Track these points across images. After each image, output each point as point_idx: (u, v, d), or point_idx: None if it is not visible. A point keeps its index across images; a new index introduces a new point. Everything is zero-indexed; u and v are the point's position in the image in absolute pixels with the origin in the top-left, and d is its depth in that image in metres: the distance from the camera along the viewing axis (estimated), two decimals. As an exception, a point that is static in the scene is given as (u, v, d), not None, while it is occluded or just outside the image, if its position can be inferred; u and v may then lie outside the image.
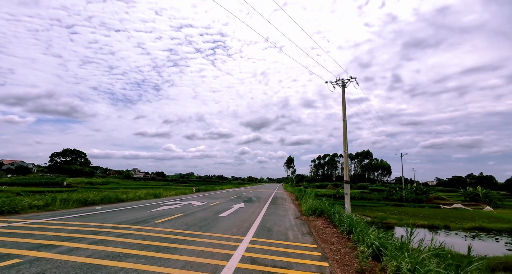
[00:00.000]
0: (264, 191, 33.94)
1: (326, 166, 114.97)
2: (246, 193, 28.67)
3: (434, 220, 21.85)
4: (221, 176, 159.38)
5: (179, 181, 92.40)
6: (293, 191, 31.27)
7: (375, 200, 40.82)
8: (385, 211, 29.65)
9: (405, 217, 23.95)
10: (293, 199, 22.08)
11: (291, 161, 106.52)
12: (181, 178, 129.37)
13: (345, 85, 14.57)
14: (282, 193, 31.23)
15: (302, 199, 17.08)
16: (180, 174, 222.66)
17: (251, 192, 30.53)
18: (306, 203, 13.30)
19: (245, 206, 14.14)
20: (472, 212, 29.23)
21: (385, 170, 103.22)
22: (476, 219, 22.33)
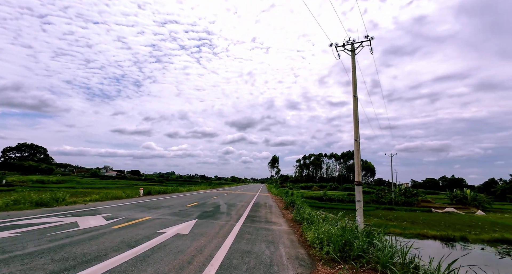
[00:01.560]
0: (244, 194, 27.10)
1: (311, 167, 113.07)
2: (219, 197, 20.61)
3: (436, 228, 18.91)
4: (203, 176, 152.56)
5: (154, 180, 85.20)
6: (279, 194, 26.63)
7: (364, 203, 37.97)
8: (379, 216, 26.67)
9: (404, 224, 20.87)
10: (282, 207, 14.47)
11: (275, 161, 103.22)
12: (160, 177, 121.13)
13: (355, 50, 10.58)
14: (266, 197, 24.34)
15: (297, 210, 10.90)
16: (160, 173, 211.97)
17: (226, 196, 22.63)
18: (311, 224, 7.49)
19: (192, 229, 6.92)
20: (470, 217, 27.07)
21: (369, 172, 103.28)
22: (484, 226, 19.72)
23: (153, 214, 9.51)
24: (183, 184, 57.40)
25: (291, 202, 14.67)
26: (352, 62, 10.52)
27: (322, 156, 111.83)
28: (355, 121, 9.74)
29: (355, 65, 10.38)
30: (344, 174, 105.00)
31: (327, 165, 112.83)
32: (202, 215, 10.02)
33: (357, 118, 9.70)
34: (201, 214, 10.15)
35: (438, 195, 66.97)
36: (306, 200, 26.36)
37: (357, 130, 9.71)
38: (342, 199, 39.03)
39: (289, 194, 22.55)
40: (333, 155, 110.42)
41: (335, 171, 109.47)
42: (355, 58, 10.60)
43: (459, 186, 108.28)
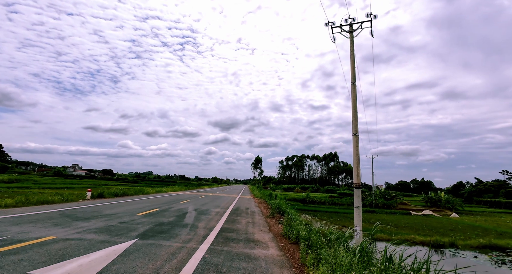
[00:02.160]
0: (223, 197, 23.67)
1: (294, 168, 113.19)
2: (191, 201, 17.15)
3: (421, 232, 18.37)
4: (183, 176, 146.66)
5: (127, 180, 79.36)
6: (262, 197, 24.43)
7: (346, 205, 37.65)
8: (362, 219, 25.98)
9: (389, 228, 20.16)
10: (267, 215, 11.67)
11: (259, 161, 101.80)
12: (135, 178, 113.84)
13: (353, 31, 9.15)
14: (248, 201, 21.62)
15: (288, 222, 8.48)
16: (136, 173, 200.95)
17: (200, 199, 19.33)
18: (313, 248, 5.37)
19: (107, 266, 4.01)
20: (448, 220, 27.41)
21: (349, 174, 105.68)
22: (465, 230, 19.56)
23: (68, 230, 6.30)
24: (158, 185, 53.62)
25: (277, 208, 12.62)
26: (350, 44, 9.06)
27: (304, 157, 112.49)
28: (353, 111, 8.21)
29: (353, 48, 8.90)
30: (326, 176, 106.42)
31: (309, 166, 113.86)
32: (150, 230, 6.94)
33: (355, 109, 8.18)
34: (150, 229, 7.08)
35: (412, 197, 69.61)
36: (289, 202, 24.98)
37: (356, 123, 8.20)
38: (324, 201, 38.31)
39: (273, 196, 20.93)
40: (315, 157, 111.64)
41: (316, 173, 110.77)
42: (353, 40, 9.13)
43: (428, 188, 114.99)
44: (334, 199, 39.95)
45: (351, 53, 9.00)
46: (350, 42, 9.25)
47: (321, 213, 30.32)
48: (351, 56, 8.96)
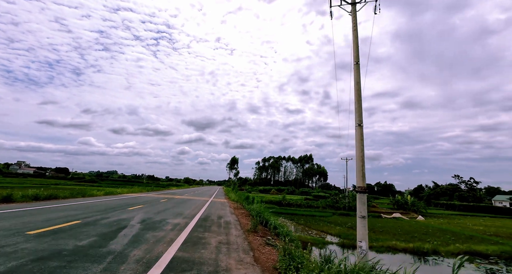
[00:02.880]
0: (191, 200, 19.58)
1: (270, 169, 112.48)
2: (146, 206, 13.08)
3: (398, 237, 17.98)
4: (151, 176, 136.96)
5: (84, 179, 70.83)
6: (238, 200, 21.60)
7: (321, 208, 37.22)
8: (339, 223, 25.35)
9: (368, 233, 19.48)
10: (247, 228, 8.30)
11: (235, 162, 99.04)
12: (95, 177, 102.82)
13: (356, 3, 7.59)
14: (223, 205, 17.76)
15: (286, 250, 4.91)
16: (98, 172, 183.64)
17: (160, 204, 14.90)
18: None
19: None
20: (417, 223, 28.14)
21: (322, 176, 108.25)
22: (437, 234, 19.73)
23: None
24: (120, 185, 48.26)
25: (258, 216, 10.16)
26: (352, 20, 7.57)
27: (281, 159, 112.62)
28: (357, 96, 6.57)
29: (357, 23, 7.35)
30: (301, 178, 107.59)
31: (285, 168, 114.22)
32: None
33: (359, 93, 6.57)
34: None
35: (379, 199, 72.96)
36: (266, 205, 23.20)
37: (360, 110, 6.59)
38: (300, 204, 37.44)
39: (250, 199, 18.87)
40: (290, 158, 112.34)
41: (292, 175, 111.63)
42: (356, 16, 7.60)
43: (390, 191, 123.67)
44: (310, 202, 39.33)
45: (354, 29, 7.46)
46: (353, 17, 7.74)
47: (298, 217, 29.17)
48: (354, 33, 7.41)
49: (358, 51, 7.05)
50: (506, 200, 58.51)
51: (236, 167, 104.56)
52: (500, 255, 12.33)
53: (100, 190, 20.08)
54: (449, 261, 11.76)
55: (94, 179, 76.14)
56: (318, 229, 21.37)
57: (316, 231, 20.77)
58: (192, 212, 12.17)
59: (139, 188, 32.74)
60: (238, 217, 11.71)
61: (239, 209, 15.86)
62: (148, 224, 7.79)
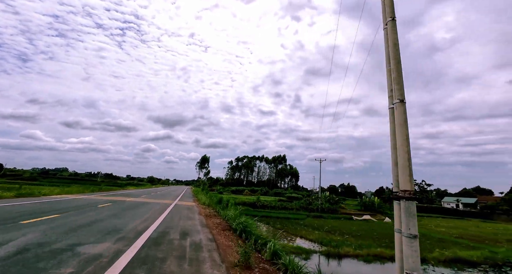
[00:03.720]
0: (145, 206, 14.26)
1: (243, 169, 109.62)
2: (62, 217, 8.22)
3: (379, 242, 17.30)
4: (109, 175, 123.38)
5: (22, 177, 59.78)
6: (210, 204, 17.97)
7: (295, 209, 36.21)
8: (315, 226, 24.26)
9: (347, 238, 18.50)
10: (235, 263, 4.60)
11: (205, 161, 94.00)
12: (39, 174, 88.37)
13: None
14: (189, 211, 13.75)
15: None
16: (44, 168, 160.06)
17: (89, 213, 9.68)
18: None
19: None
20: (388, 225, 28.51)
21: (294, 177, 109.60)
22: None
23: None
24: (66, 184, 41.53)
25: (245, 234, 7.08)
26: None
27: (255, 158, 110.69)
28: (395, 63, 4.60)
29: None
30: (273, 178, 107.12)
31: (259, 168, 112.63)
32: None
33: (398, 59, 4.59)
34: None
35: (346, 201, 75.90)
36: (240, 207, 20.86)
37: (401, 83, 4.68)
38: (274, 205, 35.88)
39: (224, 202, 16.25)
40: (264, 158, 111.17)
41: (265, 175, 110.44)
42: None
43: (352, 192, 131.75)
44: (284, 203, 38.02)
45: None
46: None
47: (273, 220, 27.46)
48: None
49: (393, 4, 5.11)
50: (453, 201, 65.81)
51: (206, 166, 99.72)
52: (485, 262, 12.00)
53: (14, 191, 14.50)
54: (442, 271, 10.93)
55: (35, 176, 64.74)
56: (296, 234, 19.81)
57: (294, 236, 19.16)
58: (140, 225, 7.79)
59: (81, 187, 26.68)
60: (213, 232, 7.85)
61: (213, 218, 11.65)
62: (20, 263, 3.68)
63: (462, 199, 63.95)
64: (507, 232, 26.72)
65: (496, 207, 48.08)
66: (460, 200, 63.25)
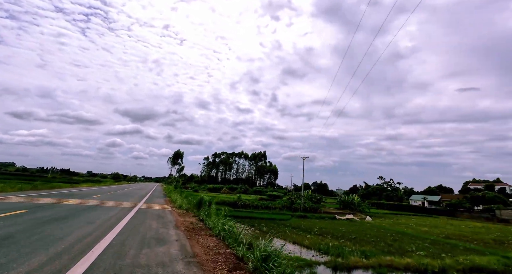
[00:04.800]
0: (94, 212, 10.39)
1: (221, 166, 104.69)
2: None
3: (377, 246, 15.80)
4: (66, 171, 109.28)
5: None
6: (189, 206, 14.37)
7: (278, 209, 34.08)
8: (304, 228, 22.22)
9: (343, 243, 16.62)
10: None
11: (179, 156, 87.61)
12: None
13: None
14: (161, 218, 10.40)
15: None
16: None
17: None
18: None
19: None
20: (373, 225, 27.76)
21: (273, 174, 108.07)
22: (404, 240, 18.52)
23: None
24: (8, 181, 34.53)
25: None
26: None
27: (234, 155, 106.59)
28: None
29: None
30: (252, 176, 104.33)
31: (238, 165, 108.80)
32: None
33: None
34: None
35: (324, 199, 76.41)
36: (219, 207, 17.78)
37: None
38: (257, 205, 33.28)
39: (205, 204, 12.98)
40: (243, 154, 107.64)
41: (244, 172, 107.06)
42: None
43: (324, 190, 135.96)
44: (266, 203, 35.59)
45: None
46: None
47: (257, 221, 24.82)
48: None
49: None
50: (420, 199, 70.31)
51: (180, 162, 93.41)
52: (508, 271, 10.73)
53: None
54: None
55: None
56: (287, 239, 17.40)
57: (283, 241, 16.72)
58: (57, 263, 3.99)
59: (4, 185, 20.27)
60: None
61: (200, 235, 7.47)
62: None
63: (428, 197, 68.60)
64: (488, 231, 27.64)
65: (459, 205, 51.64)
66: (427, 198, 67.72)
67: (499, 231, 27.26)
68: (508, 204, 48.52)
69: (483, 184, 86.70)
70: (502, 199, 49.35)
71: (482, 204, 50.76)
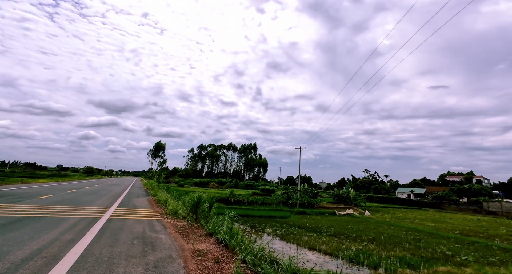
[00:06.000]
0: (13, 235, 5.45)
1: (208, 159, 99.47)
2: None
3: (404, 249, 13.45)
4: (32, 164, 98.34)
5: None
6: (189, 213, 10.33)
7: (274, 205, 31.36)
8: (309, 227, 19.57)
9: (367, 246, 14.11)
10: None
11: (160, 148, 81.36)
12: None
13: None
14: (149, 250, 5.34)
15: None
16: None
17: None
18: None
19: None
20: (378, 221, 25.93)
21: (262, 167, 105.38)
22: (425, 239, 16.47)
23: None
24: None
25: None
26: None
27: (222, 147, 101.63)
28: None
29: None
30: (242, 169, 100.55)
31: (226, 158, 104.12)
32: None
33: None
34: None
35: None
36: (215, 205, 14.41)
37: None
38: (252, 201, 30.18)
39: (205, 208, 9.57)
40: (231, 146, 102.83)
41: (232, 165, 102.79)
42: None
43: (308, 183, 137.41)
44: (261, 198, 32.62)
45: None
46: None
47: (257, 220, 21.77)
48: None
49: None
50: (407, 192, 71.93)
51: (162, 154, 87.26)
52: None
53: None
54: None
55: None
56: (298, 242, 14.55)
57: (297, 246, 13.85)
58: None
59: None
60: None
61: None
62: None
63: (414, 189, 70.22)
64: (492, 225, 26.98)
65: (446, 197, 52.64)
66: (414, 191, 69.22)
67: (505, 225, 26.76)
68: (493, 196, 50.45)
69: (459, 176, 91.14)
70: (488, 191, 51.00)
71: (468, 196, 52.18)
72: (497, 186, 72.82)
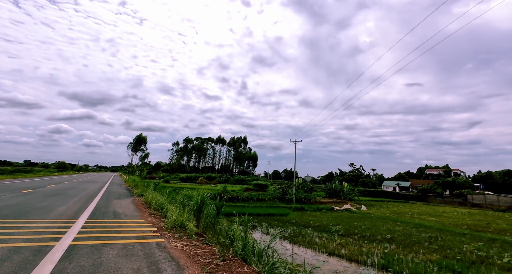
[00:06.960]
0: None
1: (194, 153, 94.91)
2: None
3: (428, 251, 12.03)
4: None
5: None
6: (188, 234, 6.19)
7: (270, 201, 29.46)
8: (315, 226, 17.81)
9: (389, 247, 12.51)
10: None
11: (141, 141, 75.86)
12: None
13: None
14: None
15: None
16: None
17: None
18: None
19: None
20: (379, 217, 24.91)
21: (251, 161, 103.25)
22: (441, 237, 15.33)
23: None
24: None
25: None
26: None
27: (210, 140, 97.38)
28: None
29: None
30: (232, 163, 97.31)
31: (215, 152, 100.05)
32: None
33: None
34: None
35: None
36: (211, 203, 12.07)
37: None
38: (246, 197, 28.03)
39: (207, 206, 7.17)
40: (220, 139, 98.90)
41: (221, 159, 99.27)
42: None
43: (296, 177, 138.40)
44: (256, 194, 30.54)
45: None
46: None
47: (256, 219, 19.60)
48: None
49: None
50: (393, 185, 73.85)
51: (143, 148, 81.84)
52: None
53: None
54: None
55: None
56: (310, 246, 12.62)
57: (318, 253, 11.88)
58: None
59: None
60: None
61: None
62: None
63: (400, 183, 72.20)
64: (487, 218, 27.09)
65: (431, 190, 54.14)
66: (400, 184, 71.09)
67: (500, 218, 27.02)
68: (475, 188, 52.77)
69: (437, 170, 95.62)
70: (471, 184, 53.10)
71: (452, 189, 54.08)
72: (476, 179, 77.12)
